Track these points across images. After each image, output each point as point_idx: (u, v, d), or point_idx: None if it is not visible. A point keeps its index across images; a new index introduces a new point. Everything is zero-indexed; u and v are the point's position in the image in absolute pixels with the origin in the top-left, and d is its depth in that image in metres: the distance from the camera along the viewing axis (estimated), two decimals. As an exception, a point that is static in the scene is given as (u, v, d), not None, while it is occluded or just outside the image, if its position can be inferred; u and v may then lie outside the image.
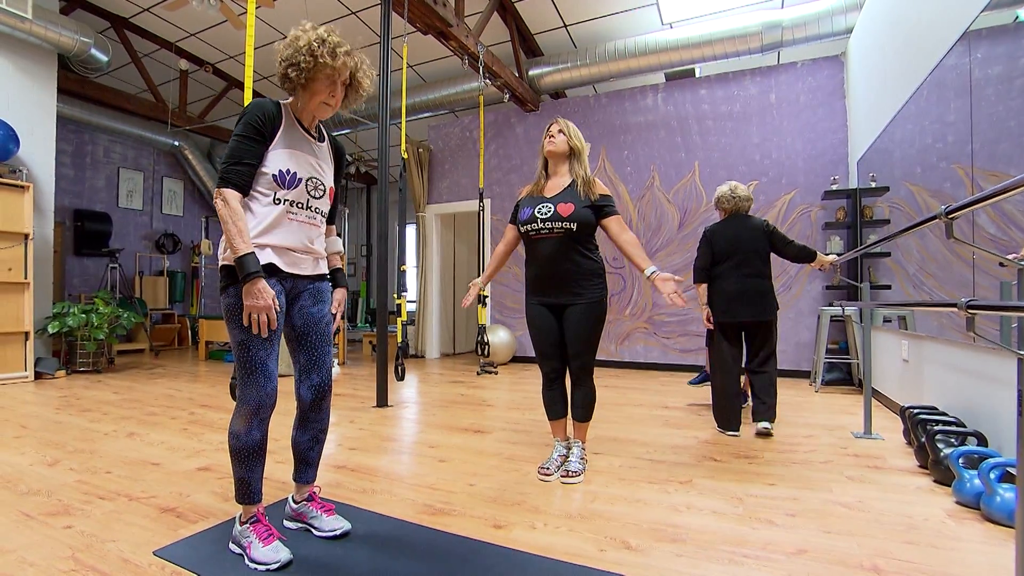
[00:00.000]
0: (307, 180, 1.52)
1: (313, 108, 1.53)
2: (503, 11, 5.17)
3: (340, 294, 1.78)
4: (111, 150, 7.88)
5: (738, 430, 2.93)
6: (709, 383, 3.96)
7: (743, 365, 3.10)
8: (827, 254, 4.88)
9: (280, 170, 1.46)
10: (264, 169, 1.46)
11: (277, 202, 1.48)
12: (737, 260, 2.98)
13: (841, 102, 5.09)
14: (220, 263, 1.49)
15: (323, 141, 1.64)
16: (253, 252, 1.39)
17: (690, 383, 4.15)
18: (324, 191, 1.59)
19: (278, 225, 1.48)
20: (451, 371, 5.74)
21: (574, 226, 2.12)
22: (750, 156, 5.43)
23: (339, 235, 1.74)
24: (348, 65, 1.51)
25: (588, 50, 5.52)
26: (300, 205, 1.52)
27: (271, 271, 1.48)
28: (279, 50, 1.49)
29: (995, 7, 2.22)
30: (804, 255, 3.02)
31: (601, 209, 2.19)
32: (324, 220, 1.63)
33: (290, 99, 1.56)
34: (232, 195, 1.41)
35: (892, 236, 2.31)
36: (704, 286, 3.08)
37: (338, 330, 1.67)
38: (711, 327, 3.05)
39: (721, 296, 2.99)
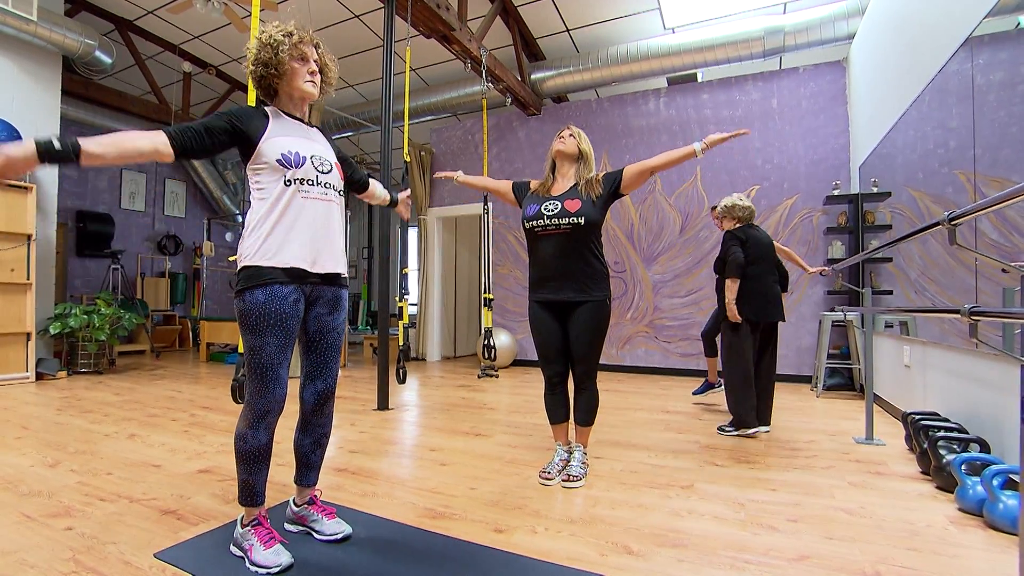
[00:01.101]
0: (311, 157, 1.53)
1: (298, 92, 1.55)
2: (506, 15, 5.19)
3: (403, 196, 2.10)
4: (114, 152, 7.89)
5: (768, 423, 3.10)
6: (713, 390, 3.99)
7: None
8: (828, 259, 4.95)
9: (283, 153, 1.47)
10: (266, 158, 1.46)
11: (288, 184, 1.48)
12: (765, 264, 3.11)
13: (843, 107, 5.10)
14: (239, 265, 1.48)
15: (312, 128, 1.65)
16: (76, 144, 1.20)
17: (694, 393, 4.14)
18: (331, 166, 1.59)
19: (292, 205, 1.48)
20: (452, 374, 5.74)
21: (582, 220, 2.13)
22: (752, 161, 5.43)
23: (346, 231, 1.76)
24: (304, 38, 1.54)
25: (590, 54, 5.53)
26: (310, 182, 1.51)
27: (295, 276, 1.48)
28: (248, 72, 1.55)
29: (997, 13, 2.22)
30: (785, 282, 3.41)
31: (615, 182, 2.21)
32: (339, 196, 1.62)
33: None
34: (156, 133, 1.33)
35: (895, 242, 2.32)
36: (737, 283, 3.06)
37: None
38: (739, 320, 3.05)
39: (757, 297, 3.07)
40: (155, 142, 1.33)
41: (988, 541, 1.66)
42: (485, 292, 5.56)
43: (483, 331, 5.47)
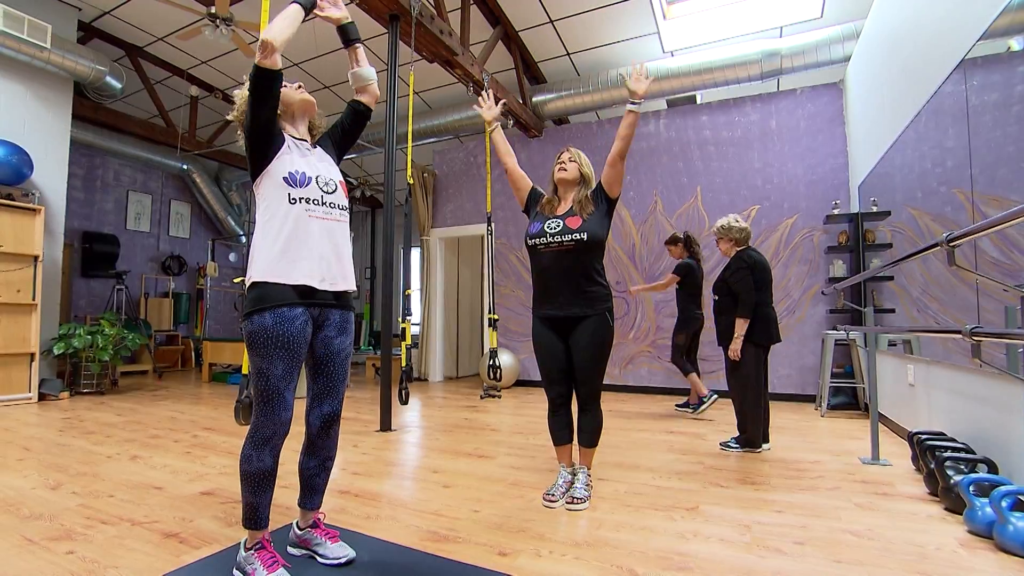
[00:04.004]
0: (316, 177, 1.57)
1: (298, 106, 1.64)
2: (507, 40, 5.30)
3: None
4: (121, 173, 8.01)
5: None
6: (689, 410, 4.27)
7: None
8: (830, 277, 4.97)
9: (290, 171, 1.52)
10: (274, 174, 1.51)
11: (293, 202, 1.51)
12: (769, 288, 3.16)
13: (841, 128, 5.16)
14: (247, 284, 1.51)
15: (315, 147, 1.69)
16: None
17: (677, 406, 4.40)
18: (335, 185, 1.63)
19: (298, 223, 1.51)
20: (454, 395, 5.71)
21: (584, 236, 2.15)
22: (752, 181, 5.48)
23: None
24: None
25: (591, 77, 5.63)
26: (316, 202, 1.55)
27: (304, 295, 1.49)
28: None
29: (989, 37, 2.27)
30: None
31: (600, 192, 2.26)
32: (344, 214, 1.65)
33: None
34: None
35: (894, 262, 2.33)
36: (748, 321, 3.06)
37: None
38: (737, 359, 3.08)
39: (769, 322, 3.11)
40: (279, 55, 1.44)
41: (999, 564, 1.63)
42: (490, 313, 5.55)
43: (488, 351, 5.44)
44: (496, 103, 2.49)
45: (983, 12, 2.31)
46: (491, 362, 5.35)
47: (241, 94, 1.58)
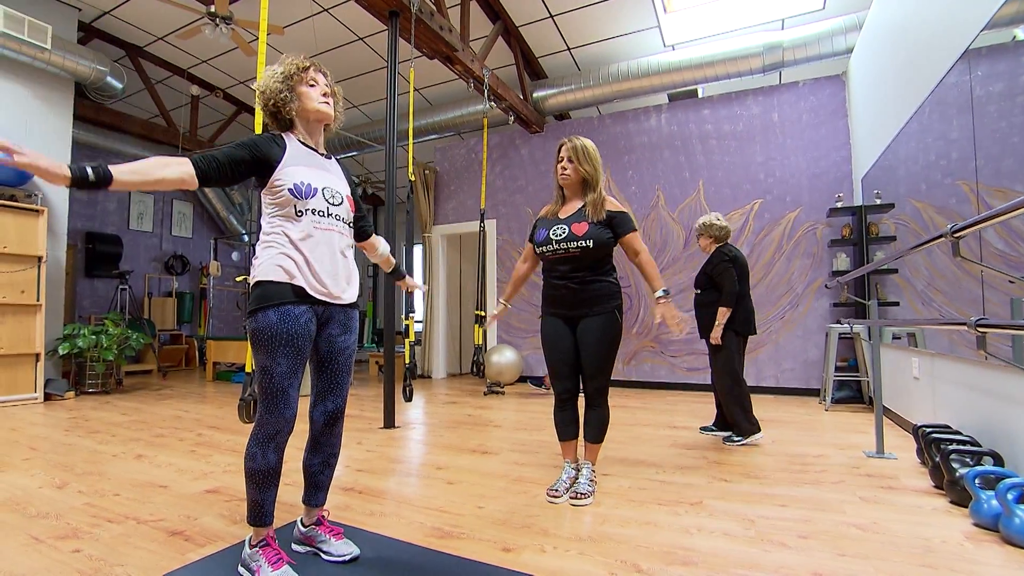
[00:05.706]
0: (323, 189, 1.55)
1: (314, 115, 1.59)
2: (507, 35, 5.28)
3: (410, 280, 2.10)
4: (123, 174, 8.01)
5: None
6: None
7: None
8: (833, 271, 4.95)
9: (295, 183, 1.49)
10: (280, 186, 1.48)
11: (300, 213, 1.50)
12: (748, 281, 3.29)
13: (843, 120, 5.13)
14: (251, 282, 1.50)
15: (330, 159, 1.68)
16: (108, 174, 1.22)
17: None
18: (342, 198, 1.62)
19: (307, 236, 1.50)
20: (458, 391, 5.72)
21: (590, 243, 2.14)
22: (754, 175, 5.46)
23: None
24: (307, 63, 1.60)
25: (591, 72, 5.60)
26: (322, 213, 1.54)
27: (302, 295, 1.49)
28: (261, 109, 1.59)
29: (993, 26, 2.25)
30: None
31: (616, 229, 2.20)
32: (349, 228, 1.65)
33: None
34: (182, 162, 1.35)
35: (899, 255, 2.32)
36: (731, 310, 3.18)
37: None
38: (719, 344, 3.20)
39: (749, 313, 3.26)
40: (182, 172, 1.33)
41: (1005, 557, 1.63)
42: (477, 308, 5.52)
43: (474, 348, 5.44)
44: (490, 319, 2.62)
45: (987, 1, 2.28)
46: (475, 358, 5.33)
47: (258, 89, 1.58)
